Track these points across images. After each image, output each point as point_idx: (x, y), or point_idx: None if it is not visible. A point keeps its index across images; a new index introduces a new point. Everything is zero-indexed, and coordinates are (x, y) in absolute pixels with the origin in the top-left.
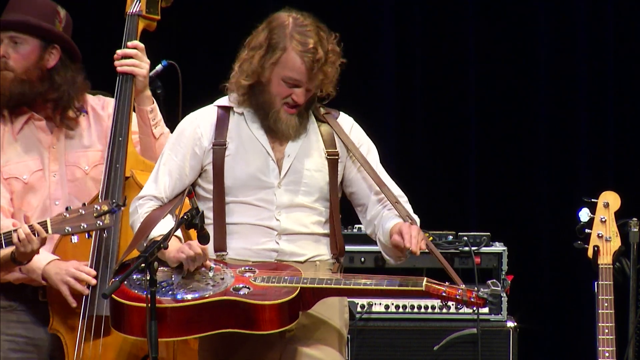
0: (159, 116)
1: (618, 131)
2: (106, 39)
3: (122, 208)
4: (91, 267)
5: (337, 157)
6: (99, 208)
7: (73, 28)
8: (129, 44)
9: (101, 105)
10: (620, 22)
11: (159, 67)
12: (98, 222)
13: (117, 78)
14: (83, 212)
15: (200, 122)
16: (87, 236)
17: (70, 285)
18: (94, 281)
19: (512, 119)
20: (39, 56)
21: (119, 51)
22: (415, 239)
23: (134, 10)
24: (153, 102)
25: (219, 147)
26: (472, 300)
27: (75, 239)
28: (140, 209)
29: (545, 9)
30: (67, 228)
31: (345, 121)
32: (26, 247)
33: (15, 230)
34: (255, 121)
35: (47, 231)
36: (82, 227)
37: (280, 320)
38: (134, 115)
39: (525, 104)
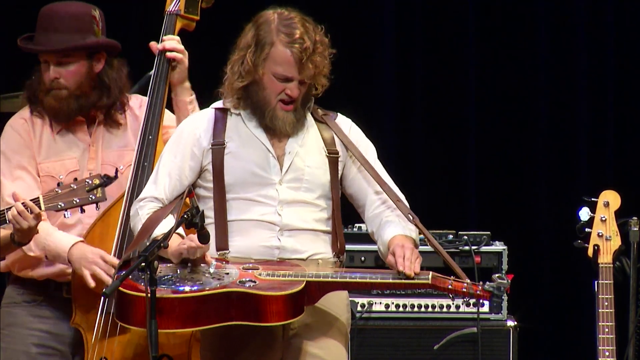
0: (197, 107)
1: (618, 131)
2: (143, 38)
3: (114, 180)
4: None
5: (337, 155)
6: (90, 182)
7: (110, 23)
8: (167, 38)
9: (139, 104)
10: (620, 21)
11: None
12: (90, 196)
13: (152, 79)
14: (75, 187)
15: (198, 123)
16: (80, 211)
17: (93, 272)
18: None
19: (512, 118)
20: (87, 68)
21: (165, 38)
22: (409, 260)
23: (173, 9)
24: (192, 94)
25: (217, 147)
26: (478, 293)
27: (68, 214)
28: (141, 211)
29: (545, 8)
30: (59, 204)
31: (344, 122)
32: (21, 223)
33: (8, 209)
34: (253, 120)
35: (39, 207)
36: (74, 202)
37: (286, 312)
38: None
39: (525, 103)
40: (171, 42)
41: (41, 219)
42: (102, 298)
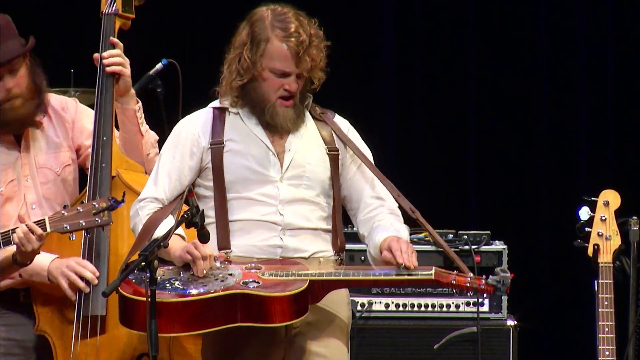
0: (143, 115)
1: (618, 130)
2: (81, 39)
3: (121, 204)
4: None
5: (337, 152)
6: (97, 205)
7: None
8: (113, 40)
9: (60, 106)
10: (620, 21)
11: (159, 65)
12: (97, 219)
13: (98, 79)
14: (81, 210)
15: (196, 123)
16: (85, 233)
17: (71, 279)
18: (96, 280)
19: (512, 118)
20: (29, 71)
21: (105, 53)
22: (406, 253)
23: (110, 10)
24: (138, 101)
25: (217, 146)
26: (481, 287)
27: (73, 236)
28: (141, 211)
29: (545, 9)
30: (65, 226)
31: (342, 122)
32: (26, 246)
33: (13, 231)
34: (252, 118)
35: (45, 229)
36: (80, 225)
37: (290, 312)
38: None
39: (525, 103)
40: (112, 59)
41: (44, 241)
42: (77, 302)
